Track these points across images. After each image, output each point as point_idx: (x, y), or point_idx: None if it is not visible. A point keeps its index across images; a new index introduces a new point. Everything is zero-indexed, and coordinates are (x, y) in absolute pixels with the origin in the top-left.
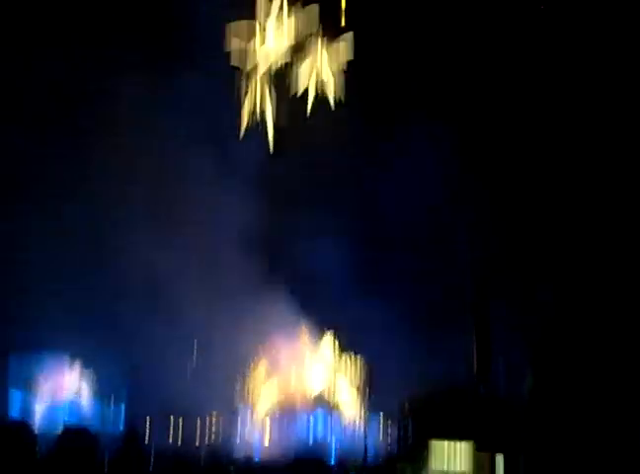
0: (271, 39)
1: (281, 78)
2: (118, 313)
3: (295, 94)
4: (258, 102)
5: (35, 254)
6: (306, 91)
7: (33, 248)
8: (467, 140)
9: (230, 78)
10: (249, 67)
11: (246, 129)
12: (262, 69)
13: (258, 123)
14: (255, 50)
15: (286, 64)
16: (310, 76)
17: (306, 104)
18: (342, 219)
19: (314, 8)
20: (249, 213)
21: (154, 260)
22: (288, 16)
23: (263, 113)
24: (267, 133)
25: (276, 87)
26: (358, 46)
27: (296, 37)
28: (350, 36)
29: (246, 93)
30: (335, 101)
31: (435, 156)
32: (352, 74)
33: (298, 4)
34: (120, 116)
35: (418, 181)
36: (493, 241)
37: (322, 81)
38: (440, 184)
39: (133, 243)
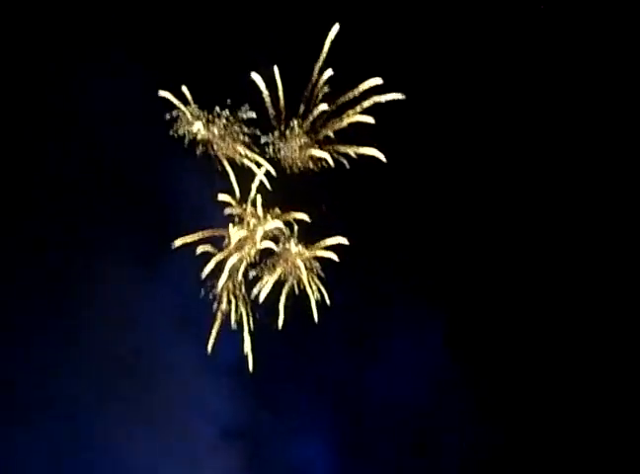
0: (244, 232)
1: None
2: None
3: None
4: (232, 303)
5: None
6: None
7: None
8: (458, 338)
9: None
10: (223, 256)
11: (219, 331)
12: (234, 260)
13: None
14: (229, 241)
15: (261, 258)
16: (287, 272)
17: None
18: (324, 415)
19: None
20: (228, 408)
21: (132, 454)
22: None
23: (239, 315)
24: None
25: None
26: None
27: (271, 232)
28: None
29: (221, 292)
30: (315, 301)
31: (422, 353)
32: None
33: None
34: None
35: (404, 377)
36: (482, 443)
37: (299, 277)
38: (428, 381)
39: (110, 439)
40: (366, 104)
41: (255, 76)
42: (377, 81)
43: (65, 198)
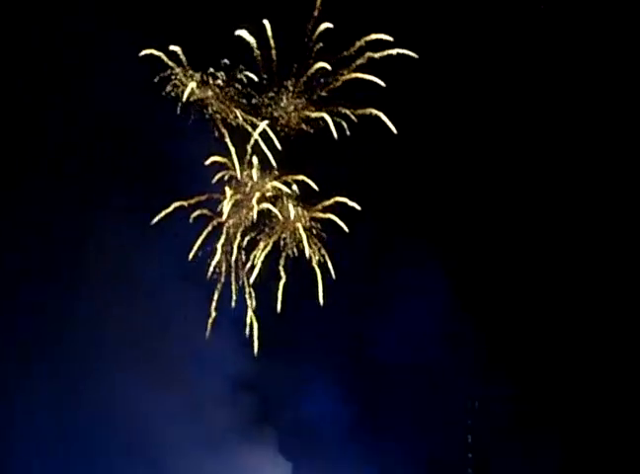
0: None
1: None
2: (102, 459)
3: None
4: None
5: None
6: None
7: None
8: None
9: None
10: (221, 220)
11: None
12: (233, 220)
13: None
14: (226, 204)
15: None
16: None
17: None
18: (334, 369)
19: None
20: (239, 360)
21: (142, 407)
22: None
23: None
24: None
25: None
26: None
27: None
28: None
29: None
30: (316, 262)
31: (430, 303)
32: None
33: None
34: (102, 263)
35: (414, 330)
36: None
37: (299, 239)
38: (438, 333)
39: (120, 390)
40: (361, 61)
41: (242, 32)
42: (384, 37)
43: (68, 161)
